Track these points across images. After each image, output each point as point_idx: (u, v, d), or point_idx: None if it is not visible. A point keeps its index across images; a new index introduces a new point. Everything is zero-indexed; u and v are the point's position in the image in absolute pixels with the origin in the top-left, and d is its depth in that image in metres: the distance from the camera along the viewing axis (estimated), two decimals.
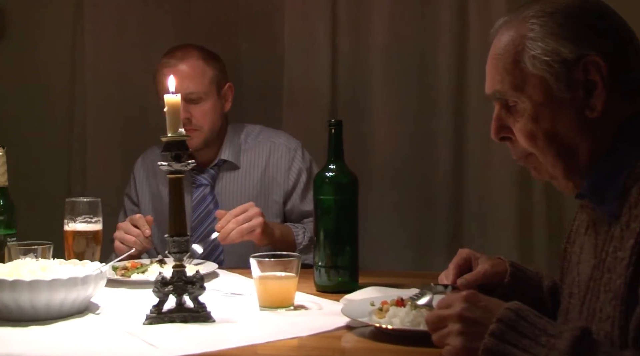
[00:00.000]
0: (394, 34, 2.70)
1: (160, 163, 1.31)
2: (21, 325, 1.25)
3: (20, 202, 3.00)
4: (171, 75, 1.38)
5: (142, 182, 2.21)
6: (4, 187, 1.68)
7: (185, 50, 2.08)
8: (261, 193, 2.10)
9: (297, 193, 2.12)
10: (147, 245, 1.84)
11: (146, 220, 1.84)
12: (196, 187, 2.11)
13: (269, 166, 2.13)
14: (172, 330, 1.22)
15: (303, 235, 1.97)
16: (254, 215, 1.78)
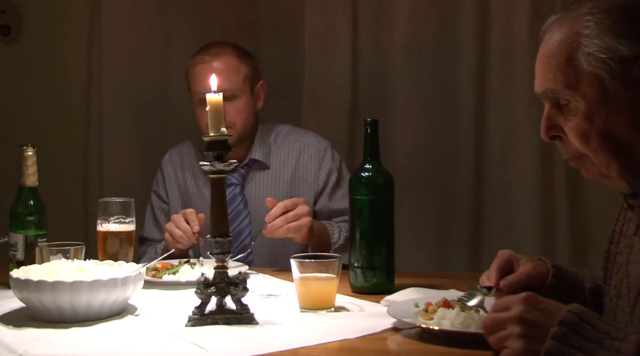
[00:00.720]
0: (415, 31, 2.68)
1: (202, 163, 1.29)
2: (62, 327, 1.23)
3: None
4: (213, 74, 1.35)
5: (171, 179, 2.19)
6: (34, 187, 1.64)
7: (219, 46, 2.06)
8: (291, 193, 2.07)
9: (327, 192, 2.11)
10: (193, 241, 1.82)
11: (198, 217, 1.82)
12: (226, 186, 2.08)
13: (299, 166, 2.11)
14: (216, 332, 1.20)
15: (339, 234, 1.95)
16: (303, 214, 1.76)
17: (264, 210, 2.06)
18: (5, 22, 3.12)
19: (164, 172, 2.22)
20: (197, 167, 2.15)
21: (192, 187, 2.15)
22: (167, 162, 2.23)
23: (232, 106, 2.01)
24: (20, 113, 3.13)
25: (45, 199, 3.10)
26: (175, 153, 2.23)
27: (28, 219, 1.62)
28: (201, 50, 2.09)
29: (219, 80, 1.97)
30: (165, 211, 2.19)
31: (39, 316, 1.28)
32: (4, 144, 3.14)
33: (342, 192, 2.11)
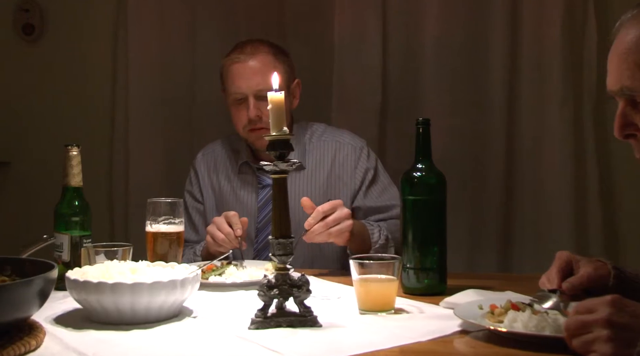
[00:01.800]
0: (445, 30, 2.65)
1: (264, 163, 1.26)
2: (122, 329, 1.20)
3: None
4: (275, 73, 1.32)
5: (205, 178, 2.16)
6: (79, 187, 1.62)
7: (255, 45, 2.02)
8: (328, 193, 2.03)
9: (363, 190, 2.07)
10: (236, 245, 1.78)
11: (241, 221, 1.78)
12: (262, 187, 2.06)
13: (335, 165, 2.07)
14: (283, 335, 1.17)
15: (379, 233, 1.90)
16: (343, 218, 1.70)
17: (300, 211, 2.03)
18: (28, 21, 3.10)
19: (197, 172, 2.18)
20: (230, 167, 2.13)
21: (226, 187, 2.11)
22: (200, 161, 2.19)
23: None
24: (42, 113, 3.11)
25: None
26: (209, 153, 2.19)
27: (73, 220, 1.60)
28: (236, 49, 2.05)
29: (255, 79, 1.97)
30: (200, 211, 2.16)
31: (96, 318, 1.25)
32: (29, 144, 3.12)
33: (378, 189, 2.08)
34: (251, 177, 2.08)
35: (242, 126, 2.00)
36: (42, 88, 3.10)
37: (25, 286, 1.04)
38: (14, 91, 3.12)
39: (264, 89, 1.94)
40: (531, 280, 1.63)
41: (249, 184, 2.08)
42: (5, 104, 3.12)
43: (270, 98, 1.26)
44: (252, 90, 1.96)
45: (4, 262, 1.26)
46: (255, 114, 1.95)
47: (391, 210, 2.06)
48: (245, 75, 1.96)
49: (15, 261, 1.27)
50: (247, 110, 1.96)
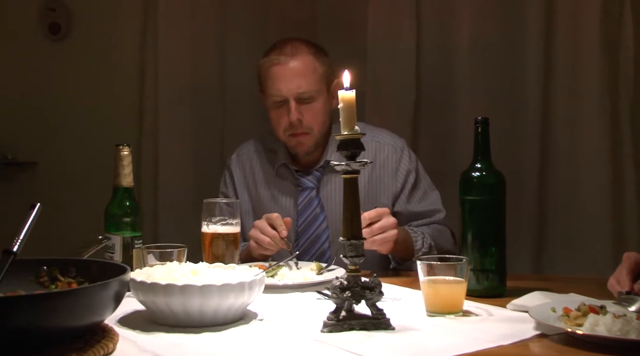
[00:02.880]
0: (480, 29, 2.63)
1: (335, 163, 1.23)
2: (192, 331, 1.17)
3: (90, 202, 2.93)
4: (346, 70, 1.29)
5: (240, 179, 2.11)
6: (130, 188, 1.59)
7: (294, 45, 1.96)
8: (369, 195, 1.99)
9: (405, 194, 2.02)
10: (282, 246, 1.74)
11: (284, 221, 1.75)
12: (301, 190, 2.01)
13: (376, 167, 2.02)
14: (361, 338, 1.14)
15: (422, 241, 1.85)
16: (389, 227, 1.67)
17: (340, 214, 1.99)
18: (55, 20, 3.09)
19: (232, 173, 2.13)
20: (267, 169, 2.08)
21: (263, 189, 2.06)
22: (235, 162, 2.14)
23: (309, 109, 1.93)
24: (69, 113, 3.08)
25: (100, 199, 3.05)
26: (244, 154, 2.14)
27: (124, 220, 1.57)
28: (275, 49, 1.98)
29: (296, 82, 1.93)
30: None
31: (162, 320, 1.22)
32: (56, 144, 3.10)
33: (420, 192, 2.04)
34: (290, 179, 2.04)
35: (283, 130, 1.96)
36: (68, 87, 3.08)
37: (103, 289, 1.01)
38: (40, 91, 3.10)
39: (305, 91, 1.92)
40: (589, 282, 1.61)
41: (287, 187, 2.04)
42: (31, 104, 3.10)
43: (342, 97, 1.24)
44: (293, 93, 1.91)
45: (68, 263, 1.24)
46: (296, 118, 1.91)
47: (434, 215, 2.02)
48: (285, 77, 1.91)
49: (79, 262, 1.25)
50: (288, 113, 1.92)
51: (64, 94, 3.09)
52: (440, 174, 2.36)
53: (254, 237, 1.77)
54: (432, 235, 1.90)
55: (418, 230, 1.90)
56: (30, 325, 0.95)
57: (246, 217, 2.07)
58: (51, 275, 1.23)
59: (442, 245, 1.92)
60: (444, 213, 2.05)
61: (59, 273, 1.22)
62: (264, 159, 2.09)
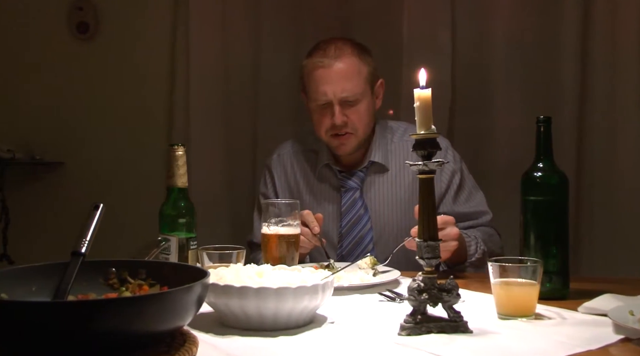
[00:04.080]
0: (515, 28, 2.62)
1: (411, 163, 1.21)
2: (268, 335, 1.15)
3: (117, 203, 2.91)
4: (422, 69, 1.26)
5: (281, 181, 2.08)
6: (184, 188, 1.56)
7: (338, 46, 1.92)
8: (413, 197, 1.95)
9: (450, 195, 1.99)
10: (316, 243, 1.71)
11: (316, 217, 1.72)
12: (345, 191, 1.98)
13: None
14: (443, 341, 1.12)
15: (475, 247, 1.81)
16: (451, 237, 1.63)
17: (385, 214, 1.98)
18: (83, 19, 3.07)
19: (273, 174, 2.09)
20: (309, 169, 2.05)
21: (305, 188, 2.03)
22: (276, 162, 2.10)
23: (354, 112, 1.90)
24: (96, 112, 3.06)
25: (126, 199, 3.04)
26: (285, 154, 2.11)
27: (180, 221, 1.54)
28: (318, 50, 1.94)
29: (340, 84, 1.89)
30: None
31: (234, 323, 1.19)
32: (83, 144, 3.07)
33: (466, 193, 2.01)
34: (333, 180, 2.01)
35: (325, 131, 1.93)
36: (96, 87, 3.06)
37: (186, 293, 0.98)
38: (67, 90, 3.08)
39: (349, 94, 1.88)
40: None
41: (330, 188, 2.01)
42: (59, 104, 3.08)
43: (418, 96, 1.21)
44: (337, 96, 1.88)
45: (138, 265, 1.21)
46: (341, 120, 1.88)
47: (480, 217, 1.99)
48: (330, 80, 1.88)
49: (149, 264, 1.22)
50: (332, 116, 1.89)
51: (91, 94, 3.07)
52: (475, 174, 2.34)
53: (305, 233, 1.74)
54: (483, 240, 1.86)
55: (472, 234, 1.86)
56: (117, 329, 0.92)
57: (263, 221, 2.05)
58: (120, 277, 1.20)
59: (492, 249, 1.89)
60: (490, 216, 2.02)
61: (129, 275, 1.20)
62: (305, 159, 2.07)
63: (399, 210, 1.96)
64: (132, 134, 3.02)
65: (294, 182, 2.06)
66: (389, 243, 1.94)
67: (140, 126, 3.02)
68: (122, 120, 3.04)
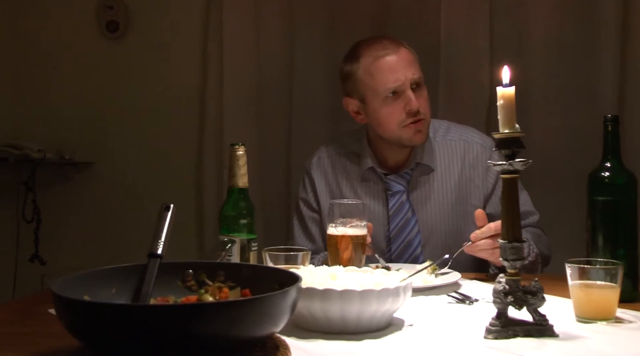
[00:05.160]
0: (554, 28, 2.59)
1: (494, 162, 1.18)
2: (352, 339, 1.12)
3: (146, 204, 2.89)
4: (505, 66, 1.24)
5: (322, 185, 2.03)
6: (245, 188, 1.53)
7: (389, 38, 1.91)
8: (460, 197, 1.94)
9: (497, 195, 1.95)
10: (368, 253, 1.67)
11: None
12: (392, 194, 1.94)
13: (465, 167, 1.95)
14: (534, 345, 1.10)
15: (528, 250, 1.77)
16: None
17: (432, 217, 1.94)
18: (112, 18, 3.04)
19: (312, 178, 2.04)
20: (351, 171, 2.00)
21: (348, 192, 1.98)
22: (316, 166, 2.05)
23: (422, 96, 1.87)
24: (126, 112, 3.04)
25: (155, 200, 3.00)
26: (324, 158, 2.05)
27: (241, 222, 1.51)
28: (372, 45, 1.90)
29: (411, 69, 1.86)
30: (316, 220, 2.04)
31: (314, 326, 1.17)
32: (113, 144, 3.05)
33: None
34: (378, 183, 1.96)
35: (398, 122, 1.87)
36: (126, 87, 3.04)
37: (282, 298, 0.96)
38: (97, 90, 3.05)
39: (418, 77, 1.86)
40: None
41: (376, 191, 1.96)
42: (88, 103, 3.06)
43: (502, 94, 1.19)
44: (409, 79, 1.85)
45: (215, 266, 1.19)
46: (417, 105, 1.84)
47: (528, 217, 1.96)
48: (399, 65, 1.85)
49: (228, 266, 1.20)
50: (405, 103, 1.84)
51: (121, 93, 3.05)
52: None
53: None
54: (534, 242, 1.84)
55: (524, 237, 1.83)
56: (217, 333, 0.90)
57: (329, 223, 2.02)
58: (198, 279, 1.18)
59: (542, 250, 1.86)
60: (537, 216, 1.99)
61: (206, 277, 1.18)
62: (346, 162, 2.01)
63: (446, 212, 1.93)
64: (162, 134, 3.00)
65: (336, 186, 2.02)
66: (438, 247, 1.91)
67: (171, 126, 2.99)
68: (152, 120, 3.01)
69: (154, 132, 3.01)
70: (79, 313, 0.90)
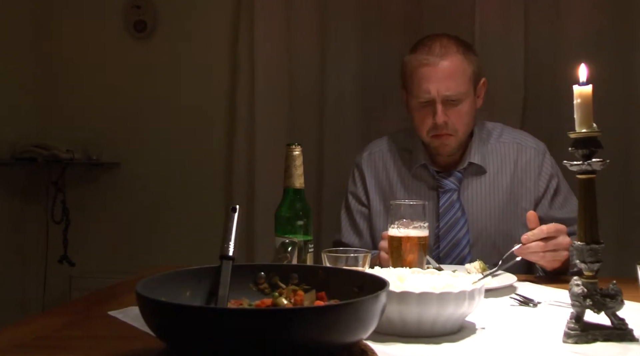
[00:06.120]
0: (590, 25, 2.58)
1: (570, 163, 1.16)
2: (431, 342, 1.11)
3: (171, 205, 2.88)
4: (582, 64, 1.22)
5: (372, 181, 2.03)
6: (301, 189, 1.51)
7: (443, 43, 1.87)
8: (511, 200, 1.93)
9: (547, 199, 1.95)
10: None
11: None
12: (443, 192, 1.94)
13: (517, 170, 1.94)
14: (618, 351, 1.08)
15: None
16: (563, 247, 1.60)
17: (482, 218, 1.92)
18: (140, 18, 3.03)
19: (363, 172, 2.05)
20: (402, 167, 2.00)
21: (399, 189, 1.99)
22: (367, 161, 2.06)
23: (455, 112, 1.86)
24: (152, 113, 3.02)
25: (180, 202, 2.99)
26: (376, 153, 2.06)
27: (297, 223, 1.49)
28: (423, 48, 1.88)
29: (445, 84, 1.85)
30: (364, 215, 2.04)
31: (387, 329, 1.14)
32: (138, 144, 3.03)
33: (561, 199, 1.96)
34: (430, 180, 1.97)
35: (427, 130, 1.89)
36: (153, 87, 3.03)
37: (374, 302, 0.94)
38: (125, 90, 3.04)
39: (453, 93, 1.84)
40: None
41: (427, 188, 1.96)
42: (116, 103, 3.05)
43: (579, 92, 1.18)
44: (441, 95, 1.84)
45: (288, 269, 1.17)
46: (442, 120, 1.84)
47: (575, 224, 1.94)
48: (434, 78, 1.84)
49: (302, 268, 1.18)
50: (434, 115, 1.85)
51: (149, 94, 3.03)
52: None
53: (384, 248, 1.66)
54: None
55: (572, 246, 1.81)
56: (310, 339, 0.88)
57: (377, 218, 2.01)
58: (271, 282, 1.16)
59: None
60: None
61: (279, 280, 1.16)
62: (398, 158, 2.02)
63: (496, 213, 1.92)
64: (189, 135, 2.98)
65: (386, 181, 2.02)
66: (486, 248, 1.90)
67: (198, 126, 2.98)
68: (179, 121, 3.00)
69: (180, 134, 3.00)
70: (176, 316, 0.88)
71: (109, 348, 1.10)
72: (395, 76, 2.70)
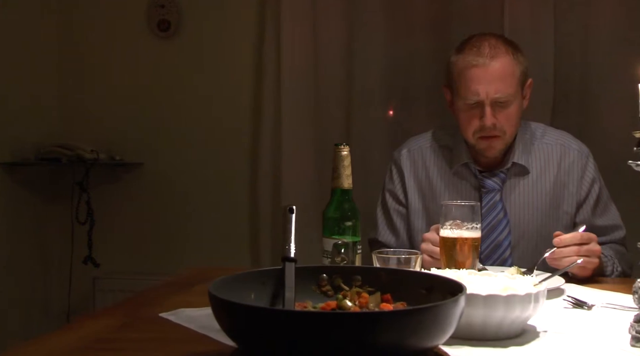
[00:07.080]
0: (620, 22, 2.57)
1: (636, 162, 1.15)
2: (498, 345, 1.09)
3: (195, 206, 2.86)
4: None
5: (410, 179, 1.99)
6: (349, 190, 1.50)
7: (491, 43, 1.82)
8: (553, 203, 1.90)
9: (589, 204, 1.92)
10: None
11: None
12: (486, 192, 1.90)
13: (561, 172, 1.91)
14: None
15: (612, 268, 1.74)
16: (594, 254, 1.58)
17: (524, 220, 1.89)
18: (164, 17, 3.02)
19: (402, 170, 2.00)
20: (442, 165, 1.97)
21: (439, 187, 1.95)
22: (406, 158, 2.01)
23: (503, 113, 1.82)
24: (176, 113, 3.01)
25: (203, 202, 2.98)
26: (415, 149, 2.01)
27: (346, 224, 1.47)
28: (472, 48, 1.84)
29: (494, 86, 1.80)
30: (402, 214, 2.01)
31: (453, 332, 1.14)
32: (162, 144, 3.02)
33: (602, 206, 1.94)
34: (472, 180, 1.93)
35: (473, 132, 1.85)
36: (177, 86, 3.02)
37: (453, 306, 0.93)
38: (148, 89, 3.03)
39: (502, 95, 1.80)
40: None
41: (468, 188, 1.93)
42: (139, 103, 3.04)
43: None
44: (490, 97, 1.80)
45: (350, 271, 1.16)
46: (491, 123, 1.81)
47: (614, 232, 1.92)
48: (484, 80, 1.79)
49: (364, 270, 1.17)
50: (482, 117, 1.81)
51: (172, 93, 3.02)
52: None
53: (427, 250, 1.65)
54: (618, 260, 1.80)
55: (607, 253, 1.79)
56: (390, 343, 0.87)
57: (416, 217, 1.98)
58: (334, 284, 1.15)
59: (624, 269, 1.82)
60: (624, 232, 1.94)
61: (342, 282, 1.15)
62: (438, 156, 1.98)
63: (539, 215, 1.89)
64: (213, 134, 2.97)
65: (426, 179, 1.98)
66: (527, 250, 1.87)
67: (222, 126, 2.97)
68: (203, 120, 2.99)
69: (204, 134, 2.99)
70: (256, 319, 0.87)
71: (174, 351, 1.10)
72: (421, 76, 2.70)
